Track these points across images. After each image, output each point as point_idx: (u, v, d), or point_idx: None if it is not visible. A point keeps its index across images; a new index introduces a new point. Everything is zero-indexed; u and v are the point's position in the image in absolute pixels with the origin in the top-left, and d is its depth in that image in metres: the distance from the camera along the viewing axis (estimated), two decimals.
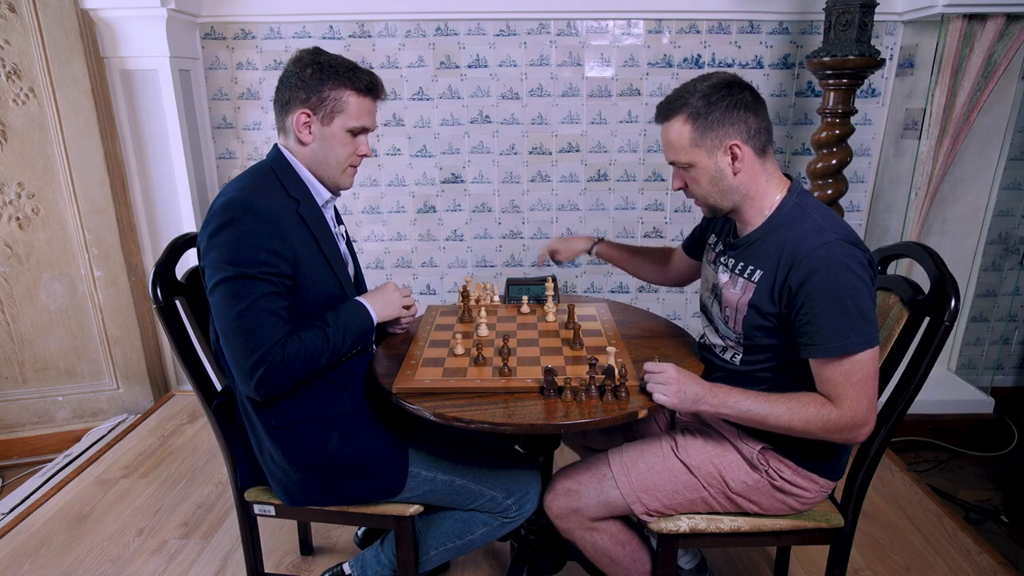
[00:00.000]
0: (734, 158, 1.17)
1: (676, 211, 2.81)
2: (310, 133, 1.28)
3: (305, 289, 1.25)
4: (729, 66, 2.62)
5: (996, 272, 2.78)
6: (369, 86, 1.28)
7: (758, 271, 1.21)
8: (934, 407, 2.61)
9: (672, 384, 1.15)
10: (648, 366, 1.20)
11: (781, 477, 1.27)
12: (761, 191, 1.21)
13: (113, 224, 2.52)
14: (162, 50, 2.41)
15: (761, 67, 2.62)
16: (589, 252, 1.74)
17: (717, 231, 1.41)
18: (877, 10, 2.17)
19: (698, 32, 2.59)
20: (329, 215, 1.39)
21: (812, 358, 1.14)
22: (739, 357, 1.30)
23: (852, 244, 1.12)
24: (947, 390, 2.70)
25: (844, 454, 1.30)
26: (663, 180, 2.77)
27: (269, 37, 2.62)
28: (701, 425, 1.39)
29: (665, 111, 1.20)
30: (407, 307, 1.45)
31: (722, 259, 1.33)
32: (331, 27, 2.61)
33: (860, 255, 1.11)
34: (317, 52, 1.28)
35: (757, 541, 1.36)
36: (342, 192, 1.41)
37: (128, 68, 2.46)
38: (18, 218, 2.42)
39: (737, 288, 1.25)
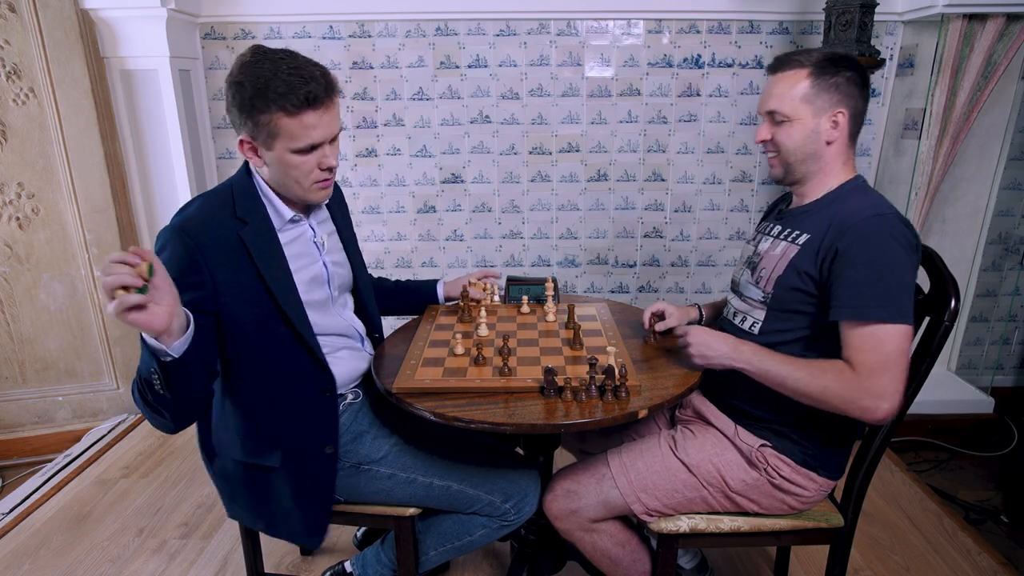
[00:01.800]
0: (835, 125, 1.21)
1: (676, 211, 2.81)
2: (258, 156, 1.20)
3: (233, 312, 1.18)
4: (729, 66, 2.62)
5: (996, 272, 2.78)
6: (306, 100, 1.12)
7: (804, 235, 1.23)
8: (934, 407, 2.61)
9: (695, 347, 1.23)
10: (677, 331, 1.35)
11: (780, 475, 1.27)
12: (834, 169, 1.25)
13: (113, 224, 2.52)
14: (162, 50, 2.41)
15: (761, 67, 2.62)
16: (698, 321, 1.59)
17: (766, 213, 1.46)
18: (877, 10, 2.18)
19: (698, 32, 2.59)
20: (303, 228, 1.32)
21: (844, 319, 1.12)
22: (759, 325, 1.28)
23: (905, 225, 1.14)
24: (947, 390, 2.70)
25: (845, 453, 1.30)
26: (663, 180, 2.77)
27: (269, 37, 2.62)
28: (700, 424, 1.39)
29: (786, 60, 1.23)
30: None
31: (767, 231, 1.35)
32: (331, 27, 2.61)
33: (911, 236, 1.13)
34: (250, 65, 1.13)
35: (757, 541, 1.36)
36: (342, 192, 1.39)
37: (128, 68, 2.46)
38: (18, 218, 2.42)
39: (778, 250, 1.27)
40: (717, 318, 1.54)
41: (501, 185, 2.79)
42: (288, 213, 1.27)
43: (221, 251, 1.16)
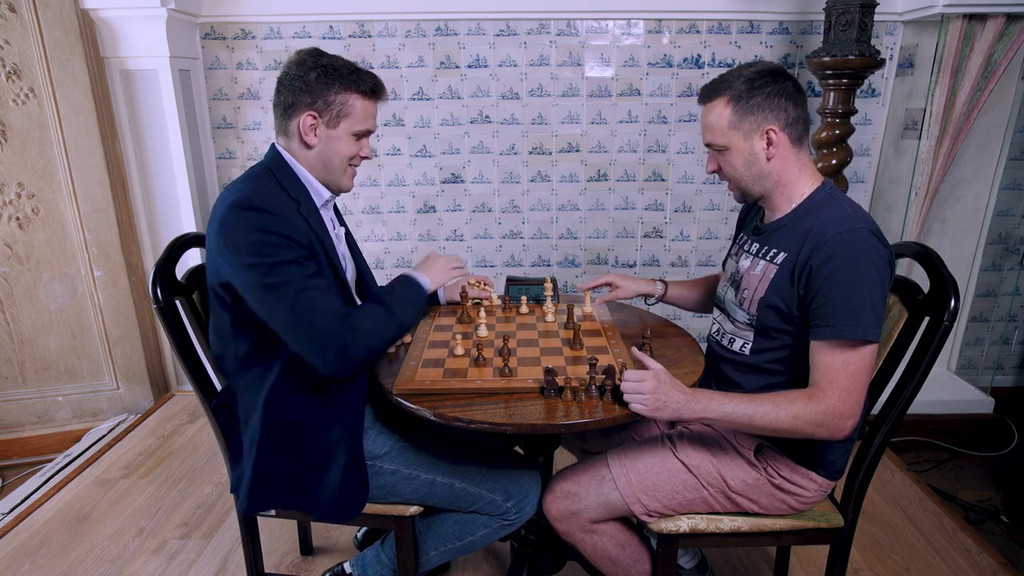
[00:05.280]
0: (769, 143, 1.20)
1: (676, 211, 2.81)
2: (315, 136, 1.27)
3: None
4: (729, 66, 2.62)
5: (996, 272, 2.78)
6: (373, 88, 1.28)
7: (782, 253, 1.22)
8: (934, 407, 2.61)
9: (649, 394, 1.12)
10: (628, 374, 1.15)
11: (780, 475, 1.27)
12: (793, 180, 1.24)
13: (113, 224, 2.52)
14: (162, 50, 2.41)
15: None
16: (654, 297, 1.65)
17: (744, 225, 1.43)
18: (877, 10, 2.17)
19: (698, 32, 2.59)
20: (328, 216, 1.38)
21: (821, 339, 1.13)
22: (749, 346, 1.29)
23: (876, 237, 1.13)
24: (947, 390, 2.70)
25: (844, 453, 1.30)
26: (663, 180, 2.77)
27: (269, 37, 2.62)
28: (699, 425, 1.39)
29: (708, 93, 1.23)
30: (456, 268, 1.50)
31: (746, 247, 1.34)
32: (331, 27, 2.61)
33: (882, 251, 1.12)
34: (319, 54, 1.26)
35: (757, 541, 1.36)
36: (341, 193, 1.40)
37: (128, 68, 2.46)
38: (18, 218, 2.42)
39: (758, 270, 1.26)
40: (702, 297, 1.61)
41: (501, 185, 2.79)
42: (326, 194, 1.33)
43: (298, 223, 1.22)
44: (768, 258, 1.25)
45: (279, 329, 1.17)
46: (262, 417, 1.27)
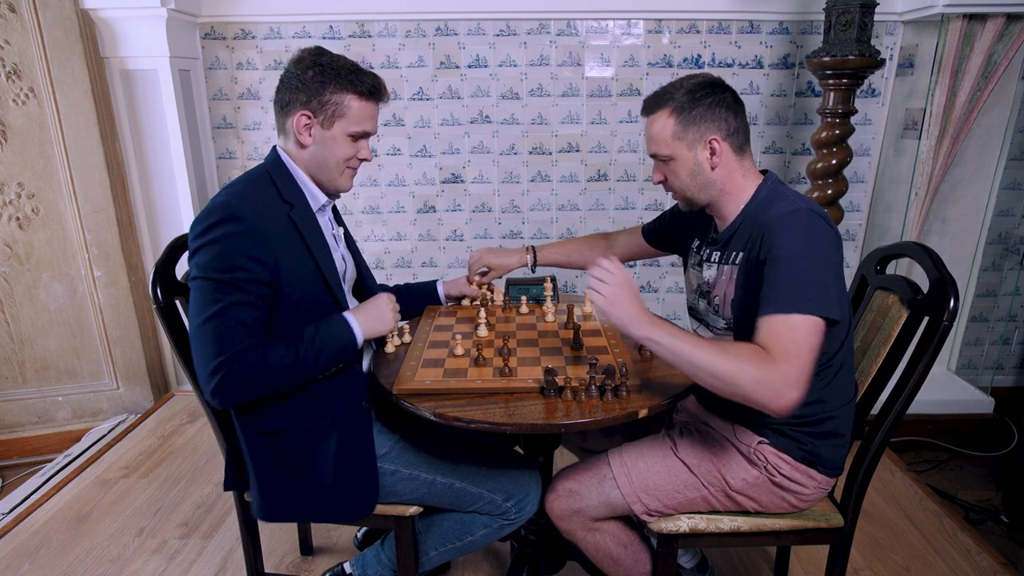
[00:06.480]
0: (712, 152, 1.22)
1: None
2: (310, 136, 1.26)
3: (289, 295, 1.21)
4: (729, 66, 2.62)
5: (996, 272, 2.78)
6: (372, 89, 1.26)
7: (740, 253, 1.25)
8: (934, 407, 2.61)
9: (612, 287, 1.15)
10: (603, 262, 1.18)
11: (780, 473, 1.27)
12: (737, 186, 1.26)
13: (113, 224, 2.52)
14: (162, 50, 2.41)
15: (761, 67, 2.63)
16: (528, 266, 1.76)
17: (699, 235, 1.42)
18: (877, 10, 2.18)
19: (698, 32, 2.59)
20: (325, 218, 1.37)
21: (760, 315, 1.10)
22: None
23: (820, 217, 1.15)
24: (947, 390, 2.70)
25: (842, 449, 1.30)
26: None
27: (269, 37, 2.62)
28: (700, 424, 1.39)
29: (651, 105, 1.26)
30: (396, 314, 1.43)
31: (707, 258, 1.35)
32: (331, 27, 2.61)
33: (825, 228, 1.14)
34: (319, 52, 1.25)
35: (757, 541, 1.36)
36: (342, 194, 1.40)
37: (128, 68, 2.46)
38: (18, 218, 2.42)
39: (724, 275, 1.28)
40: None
41: (501, 185, 2.79)
42: (322, 198, 1.33)
43: (278, 231, 1.20)
44: (730, 262, 1.27)
45: (189, 333, 1.17)
46: (255, 430, 1.26)
